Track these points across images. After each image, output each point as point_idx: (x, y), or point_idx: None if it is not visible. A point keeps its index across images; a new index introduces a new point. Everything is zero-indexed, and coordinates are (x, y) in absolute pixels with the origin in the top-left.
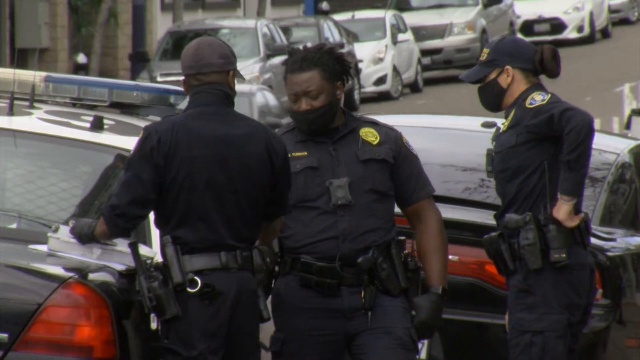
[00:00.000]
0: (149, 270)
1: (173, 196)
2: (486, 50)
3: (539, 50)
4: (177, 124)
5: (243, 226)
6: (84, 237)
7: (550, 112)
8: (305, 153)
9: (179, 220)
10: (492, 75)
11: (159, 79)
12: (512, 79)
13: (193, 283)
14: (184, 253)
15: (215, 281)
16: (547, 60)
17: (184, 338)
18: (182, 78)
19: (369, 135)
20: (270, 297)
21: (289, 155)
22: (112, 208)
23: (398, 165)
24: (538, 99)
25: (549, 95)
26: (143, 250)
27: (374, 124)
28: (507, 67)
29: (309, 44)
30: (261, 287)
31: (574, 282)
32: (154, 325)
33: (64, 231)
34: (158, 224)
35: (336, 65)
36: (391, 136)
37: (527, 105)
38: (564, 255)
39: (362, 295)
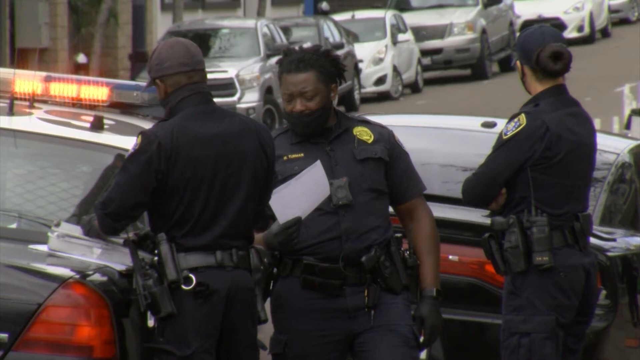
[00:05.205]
0: (144, 268)
1: (176, 198)
2: None
3: (537, 50)
4: (176, 126)
5: (242, 224)
6: (93, 231)
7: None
8: (302, 155)
9: (178, 220)
10: (518, 63)
11: None
12: (523, 74)
13: (188, 280)
14: (179, 251)
15: (209, 279)
16: (541, 60)
17: (179, 336)
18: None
19: (363, 134)
20: (268, 299)
21: (286, 157)
22: (103, 206)
23: (392, 163)
24: (510, 127)
25: (522, 126)
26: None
27: (366, 123)
28: (518, 62)
29: (309, 44)
30: (259, 288)
31: (562, 284)
32: (150, 323)
33: (66, 226)
34: (154, 224)
35: (332, 67)
36: (384, 134)
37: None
38: (547, 258)
39: (366, 294)
